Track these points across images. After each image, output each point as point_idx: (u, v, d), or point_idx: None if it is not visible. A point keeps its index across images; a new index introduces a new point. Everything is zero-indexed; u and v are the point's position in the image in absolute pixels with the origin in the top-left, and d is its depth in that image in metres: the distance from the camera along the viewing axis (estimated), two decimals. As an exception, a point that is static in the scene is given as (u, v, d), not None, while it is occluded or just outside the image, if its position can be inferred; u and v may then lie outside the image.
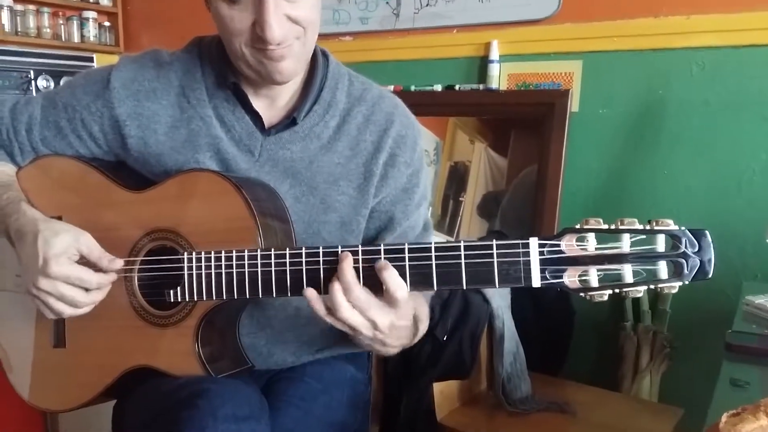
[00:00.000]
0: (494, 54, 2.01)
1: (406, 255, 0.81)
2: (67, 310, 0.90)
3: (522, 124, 2.03)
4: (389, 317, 0.82)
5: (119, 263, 0.92)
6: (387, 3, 2.23)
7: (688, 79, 1.76)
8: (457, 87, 2.09)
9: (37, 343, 1.03)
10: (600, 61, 1.87)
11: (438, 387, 1.35)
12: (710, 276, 0.68)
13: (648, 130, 1.83)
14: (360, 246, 0.83)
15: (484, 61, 2.05)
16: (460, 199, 2.10)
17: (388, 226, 1.04)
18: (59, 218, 0.98)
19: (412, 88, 2.16)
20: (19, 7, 2.69)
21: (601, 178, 1.91)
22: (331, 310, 0.81)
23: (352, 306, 0.80)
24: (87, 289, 0.90)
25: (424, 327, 0.96)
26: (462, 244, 0.78)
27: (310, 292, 0.82)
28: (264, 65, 0.91)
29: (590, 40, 1.87)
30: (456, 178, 2.12)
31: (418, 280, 0.81)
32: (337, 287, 0.80)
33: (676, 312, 1.77)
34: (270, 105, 1.01)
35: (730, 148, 1.72)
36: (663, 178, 1.81)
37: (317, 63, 1.01)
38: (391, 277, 0.79)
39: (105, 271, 0.91)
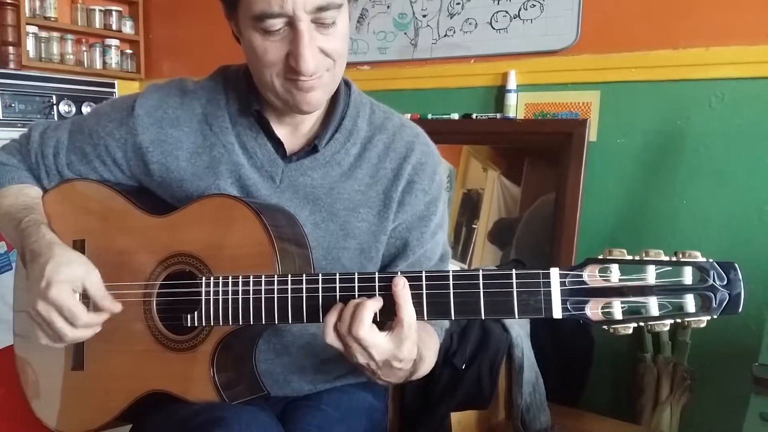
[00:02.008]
0: (512, 84, 2.02)
1: (424, 283, 0.80)
2: (53, 339, 0.90)
3: (535, 152, 2.03)
4: (388, 353, 0.81)
5: (118, 307, 0.93)
6: (405, 33, 2.26)
7: (707, 111, 1.75)
8: (474, 116, 2.10)
9: (58, 365, 1.03)
10: (618, 91, 1.87)
11: (455, 417, 1.33)
12: (740, 310, 0.66)
13: (666, 160, 1.82)
14: (377, 273, 0.83)
15: (501, 91, 2.06)
16: (473, 226, 2.09)
17: (402, 252, 1.04)
18: (82, 241, 0.99)
19: (429, 116, 2.17)
20: (43, 33, 2.75)
21: (619, 207, 1.89)
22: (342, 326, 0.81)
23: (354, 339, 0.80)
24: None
25: (426, 368, 0.94)
26: (480, 273, 0.78)
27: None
28: (293, 95, 0.92)
29: (608, 70, 1.87)
30: (469, 206, 2.12)
31: (435, 309, 0.80)
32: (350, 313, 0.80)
33: (697, 343, 1.73)
34: (292, 132, 1.03)
35: (750, 179, 1.71)
36: (682, 208, 1.79)
37: (340, 92, 1.02)
38: (405, 301, 0.79)
39: (103, 311, 0.92)
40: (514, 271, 0.75)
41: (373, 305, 0.80)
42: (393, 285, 0.80)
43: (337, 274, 0.84)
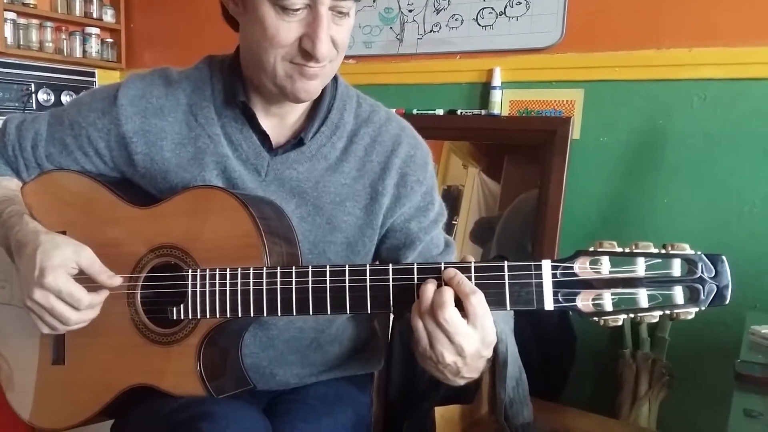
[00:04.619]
0: (496, 80, 2.04)
1: (415, 276, 0.80)
2: (58, 326, 0.88)
3: (515, 149, 2.05)
4: (476, 344, 0.78)
5: (118, 280, 0.91)
6: (391, 28, 2.26)
7: (689, 111, 1.78)
8: (459, 112, 2.11)
9: (38, 359, 1.01)
10: (602, 90, 1.89)
11: (439, 411, 1.33)
12: (727, 302, 0.67)
13: (648, 159, 1.84)
14: (368, 266, 0.82)
15: (486, 87, 2.07)
16: (453, 222, 2.10)
17: (407, 242, 1.04)
18: (63, 233, 0.97)
19: (414, 111, 2.17)
20: (22, 20, 2.70)
21: (601, 205, 1.92)
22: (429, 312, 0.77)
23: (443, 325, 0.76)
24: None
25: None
26: (472, 264, 0.78)
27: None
28: (293, 81, 0.91)
29: (592, 69, 1.89)
30: (449, 202, 2.12)
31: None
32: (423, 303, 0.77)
33: (675, 340, 1.76)
34: (278, 124, 1.01)
35: (730, 180, 1.74)
36: (663, 206, 1.82)
37: (326, 85, 1.01)
38: (479, 303, 0.76)
39: (103, 287, 0.90)
40: (506, 263, 0.75)
41: (450, 292, 0.76)
42: (464, 294, 0.76)
43: (327, 267, 0.83)
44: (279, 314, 0.85)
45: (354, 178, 1.01)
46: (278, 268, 0.85)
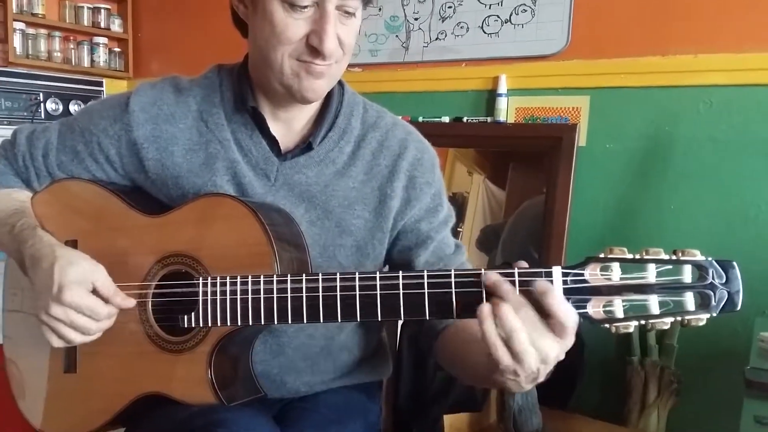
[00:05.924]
0: (502, 88, 2.04)
1: (426, 281, 0.80)
2: (77, 338, 0.89)
3: (520, 157, 2.05)
4: (557, 348, 0.74)
5: (131, 302, 0.92)
6: (396, 36, 2.27)
7: (695, 117, 1.78)
8: (465, 119, 2.11)
9: (50, 367, 1.01)
10: (608, 97, 1.90)
11: (448, 419, 1.33)
12: (738, 308, 0.67)
13: (655, 165, 1.84)
14: (378, 273, 0.82)
15: (492, 95, 2.08)
16: (458, 230, 2.10)
17: (418, 242, 1.04)
18: (74, 242, 0.98)
19: (420, 119, 2.17)
20: (30, 30, 2.72)
21: (607, 211, 1.92)
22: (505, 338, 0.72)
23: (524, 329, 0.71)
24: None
25: None
26: (483, 271, 0.78)
27: (486, 309, 0.73)
28: (300, 80, 0.92)
29: (598, 76, 1.90)
30: (454, 209, 2.12)
31: (439, 309, 0.79)
32: (507, 308, 0.72)
33: (684, 347, 1.75)
34: (287, 130, 1.02)
35: (737, 185, 1.74)
36: (669, 213, 1.82)
37: (333, 90, 1.02)
38: (558, 303, 0.71)
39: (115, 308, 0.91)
40: (516, 270, 0.75)
41: (503, 282, 0.74)
42: (538, 293, 0.73)
43: (338, 274, 0.83)
44: (289, 322, 0.85)
45: (362, 181, 1.01)
46: (289, 275, 0.85)
